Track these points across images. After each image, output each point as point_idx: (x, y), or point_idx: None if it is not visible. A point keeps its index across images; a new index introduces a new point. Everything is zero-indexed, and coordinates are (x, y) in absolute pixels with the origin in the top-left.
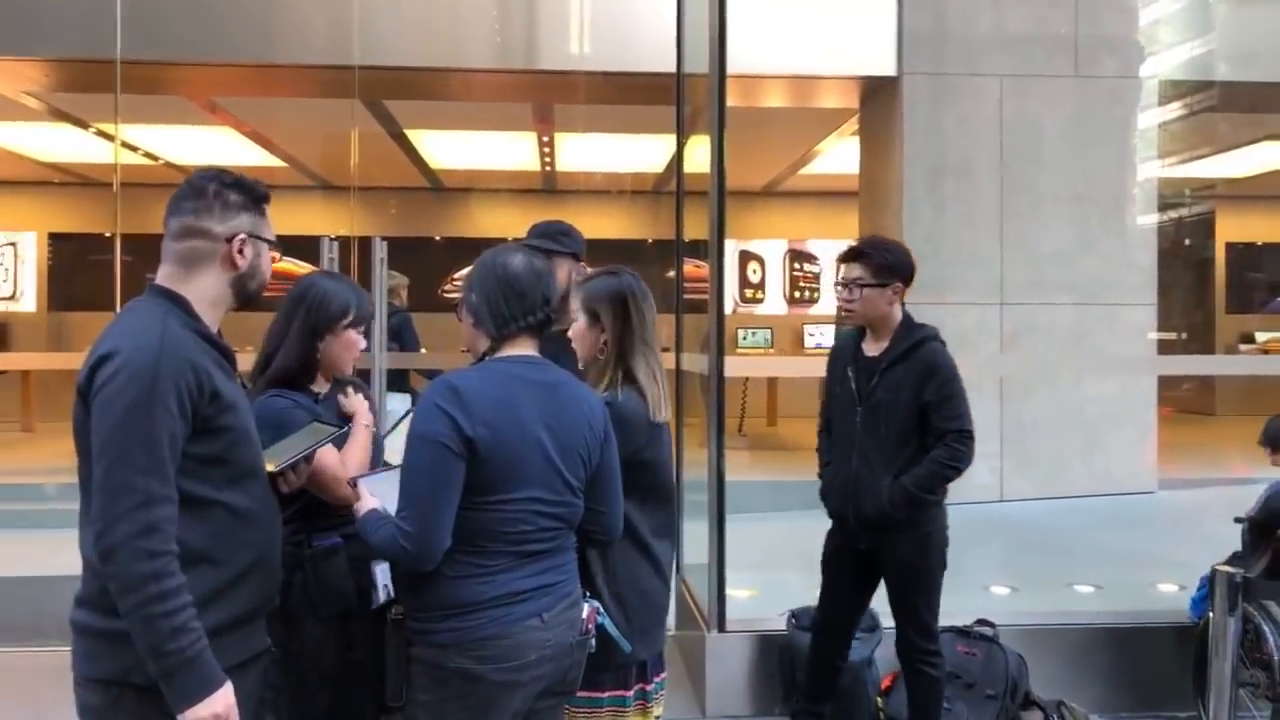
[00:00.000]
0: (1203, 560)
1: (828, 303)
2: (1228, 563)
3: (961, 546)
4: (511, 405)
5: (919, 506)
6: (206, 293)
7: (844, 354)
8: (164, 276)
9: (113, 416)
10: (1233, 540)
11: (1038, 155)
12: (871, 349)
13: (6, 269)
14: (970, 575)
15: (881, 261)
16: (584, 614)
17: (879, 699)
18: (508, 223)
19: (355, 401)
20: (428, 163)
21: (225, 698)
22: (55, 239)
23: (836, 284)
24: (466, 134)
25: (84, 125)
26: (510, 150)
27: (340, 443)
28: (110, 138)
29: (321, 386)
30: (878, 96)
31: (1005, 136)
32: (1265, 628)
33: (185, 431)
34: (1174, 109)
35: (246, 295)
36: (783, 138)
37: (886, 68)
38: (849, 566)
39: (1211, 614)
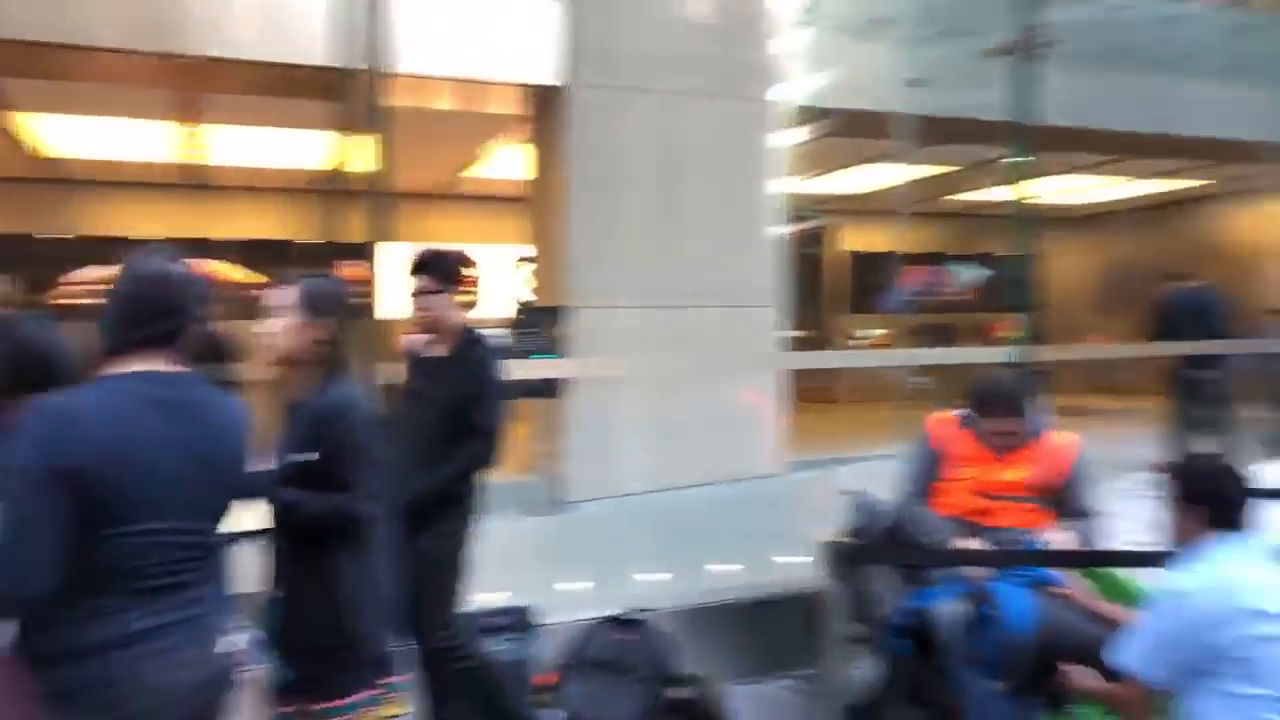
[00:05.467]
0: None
1: (487, 307)
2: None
3: (618, 537)
4: (130, 426)
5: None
6: None
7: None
8: None
9: None
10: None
11: (687, 169)
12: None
13: None
14: (624, 564)
15: (440, 269)
16: (229, 649)
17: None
18: (138, 220)
19: None
20: (38, 150)
21: None
22: None
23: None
24: (91, 119)
25: None
26: (146, 140)
27: None
28: None
29: None
30: (547, 106)
31: (660, 151)
32: (871, 591)
33: None
34: (801, 133)
35: None
36: (451, 141)
37: (554, 78)
38: None
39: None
